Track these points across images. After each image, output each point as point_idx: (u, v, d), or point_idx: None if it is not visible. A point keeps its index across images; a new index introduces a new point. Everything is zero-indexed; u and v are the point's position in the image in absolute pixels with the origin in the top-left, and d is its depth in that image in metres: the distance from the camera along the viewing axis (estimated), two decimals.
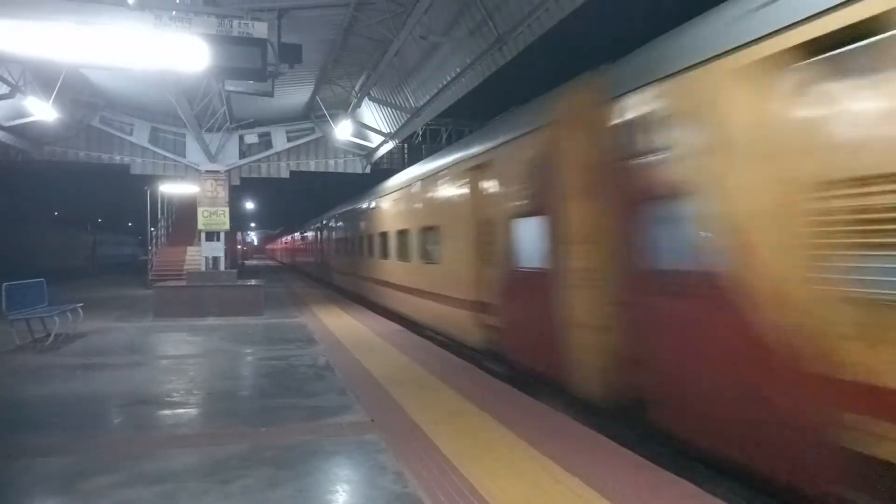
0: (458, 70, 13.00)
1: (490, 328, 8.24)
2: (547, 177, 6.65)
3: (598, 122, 5.70)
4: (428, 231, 11.06)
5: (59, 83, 14.12)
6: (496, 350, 8.12)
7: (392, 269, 13.96)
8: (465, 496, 3.77)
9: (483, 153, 8.44)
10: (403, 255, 12.91)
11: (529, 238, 7.06)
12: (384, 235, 14.78)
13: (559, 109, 6.56)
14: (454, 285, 9.47)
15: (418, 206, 11.87)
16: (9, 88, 13.42)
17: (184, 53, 7.33)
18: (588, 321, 5.85)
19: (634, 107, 5.22)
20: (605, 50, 6.16)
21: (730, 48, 4.15)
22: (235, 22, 7.68)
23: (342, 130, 18.51)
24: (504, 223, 7.70)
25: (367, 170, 22.41)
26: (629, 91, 5.28)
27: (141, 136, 20.41)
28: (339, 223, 23.38)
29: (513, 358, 7.68)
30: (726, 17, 4.33)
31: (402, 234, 13.00)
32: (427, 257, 11.23)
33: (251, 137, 21.05)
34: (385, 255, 14.66)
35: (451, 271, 9.65)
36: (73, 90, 16.66)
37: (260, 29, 7.81)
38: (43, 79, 14.46)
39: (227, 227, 20.53)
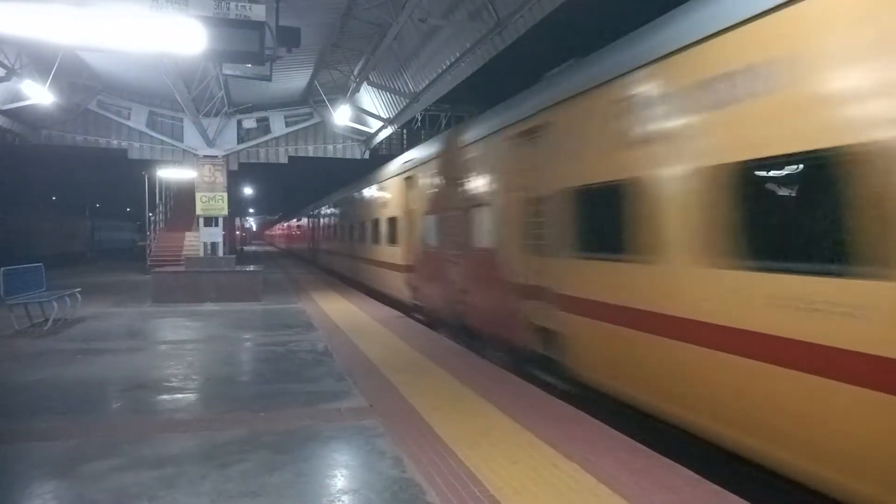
0: (458, 55, 12.89)
1: (413, 287, 12.09)
2: (432, 189, 10.65)
3: (452, 160, 9.57)
4: (379, 220, 15.12)
5: (55, 66, 13.99)
6: (416, 302, 11.87)
7: (358, 247, 18.08)
8: (463, 481, 3.78)
9: (409, 169, 12.29)
10: (363, 237, 17.15)
11: (429, 228, 10.78)
12: (353, 223, 19.12)
13: (437, 149, 10.50)
14: (396, 258, 13.32)
15: (374, 202, 15.97)
16: (4, 71, 13.29)
17: (180, 36, 7.24)
18: (450, 279, 9.63)
19: (465, 154, 9.08)
20: (604, 34, 6.13)
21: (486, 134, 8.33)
22: (233, 4, 7.58)
23: (341, 115, 18.39)
24: (421, 218, 11.36)
25: (366, 155, 22.29)
26: (463, 146, 9.13)
27: (138, 121, 20.26)
28: (321, 215, 28.40)
29: (423, 305, 11.47)
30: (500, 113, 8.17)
31: (362, 223, 17.23)
32: (378, 239, 15.22)
33: (249, 122, 20.90)
34: (353, 238, 18.94)
35: (394, 248, 13.57)
36: (70, 73, 16.52)
37: (257, 11, 7.71)
38: (39, 62, 14.32)
39: (225, 212, 20.46)
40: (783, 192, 4.00)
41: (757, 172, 4.00)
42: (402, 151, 20.75)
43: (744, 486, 3.93)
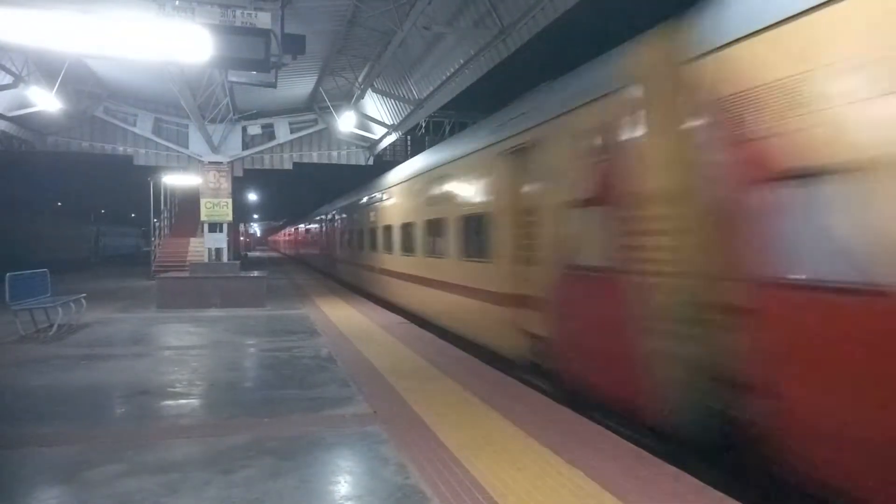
0: (462, 61, 12.95)
1: (339, 267, 22.69)
2: (331, 226, 26.40)
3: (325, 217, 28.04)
4: (319, 233, 30.73)
5: (62, 73, 14.09)
6: (340, 277, 22.21)
7: (316, 249, 31.90)
8: (467, 488, 3.77)
9: (328, 210, 27.20)
10: (318, 243, 31.44)
11: (341, 240, 23.08)
12: (315, 233, 33.52)
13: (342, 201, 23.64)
14: (328, 251, 26.17)
15: (314, 227, 33.90)
16: (12, 78, 13.40)
17: (187, 43, 7.30)
18: (332, 262, 25.45)
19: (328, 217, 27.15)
20: (607, 41, 6.15)
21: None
22: (238, 12, 7.65)
23: (345, 122, 18.47)
24: (338, 234, 23.72)
25: (370, 161, 22.35)
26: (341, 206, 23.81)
27: (144, 127, 20.38)
28: (302, 227, 43.29)
29: (341, 278, 22.08)
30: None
31: (315, 233, 33.07)
32: (324, 243, 28.62)
33: (254, 129, 21.01)
34: (314, 244, 33.31)
35: (328, 248, 26.71)
36: (77, 80, 16.65)
37: (263, 19, 7.77)
38: (46, 69, 14.45)
39: (229, 218, 20.55)
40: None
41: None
42: (406, 158, 20.83)
43: (747, 495, 3.92)
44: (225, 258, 19.94)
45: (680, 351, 4.40)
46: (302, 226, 43.26)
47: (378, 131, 20.29)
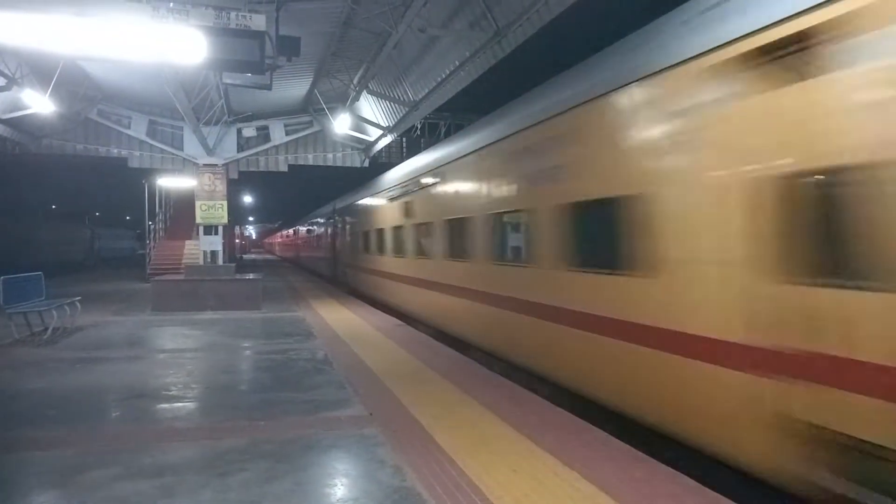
0: (457, 63, 12.95)
1: (322, 263, 28.33)
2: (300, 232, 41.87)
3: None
4: (308, 237, 36.69)
5: (56, 75, 14.04)
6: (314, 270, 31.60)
7: (304, 251, 38.01)
8: (464, 490, 3.77)
9: (302, 221, 41.28)
10: (307, 247, 37.23)
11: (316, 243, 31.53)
12: (301, 237, 40.72)
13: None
14: (313, 252, 33.57)
15: (302, 231, 41.66)
16: (5, 81, 13.34)
17: (181, 46, 7.28)
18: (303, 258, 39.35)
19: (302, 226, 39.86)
20: (603, 43, 6.17)
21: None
22: (233, 14, 7.62)
23: (340, 124, 18.44)
24: (321, 239, 29.62)
25: (366, 163, 22.33)
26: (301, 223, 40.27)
27: (138, 130, 20.29)
28: (291, 231, 49.86)
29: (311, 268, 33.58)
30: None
31: (295, 236, 45.27)
32: (309, 245, 36.12)
33: (249, 131, 20.93)
34: (301, 247, 40.62)
35: (316, 249, 32.29)
36: (71, 83, 16.56)
37: (258, 21, 7.75)
38: (40, 71, 14.37)
39: (225, 220, 20.48)
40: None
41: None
42: (401, 159, 20.83)
43: (743, 495, 3.93)
44: (220, 261, 19.88)
45: None
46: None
47: (373, 133, 20.26)
